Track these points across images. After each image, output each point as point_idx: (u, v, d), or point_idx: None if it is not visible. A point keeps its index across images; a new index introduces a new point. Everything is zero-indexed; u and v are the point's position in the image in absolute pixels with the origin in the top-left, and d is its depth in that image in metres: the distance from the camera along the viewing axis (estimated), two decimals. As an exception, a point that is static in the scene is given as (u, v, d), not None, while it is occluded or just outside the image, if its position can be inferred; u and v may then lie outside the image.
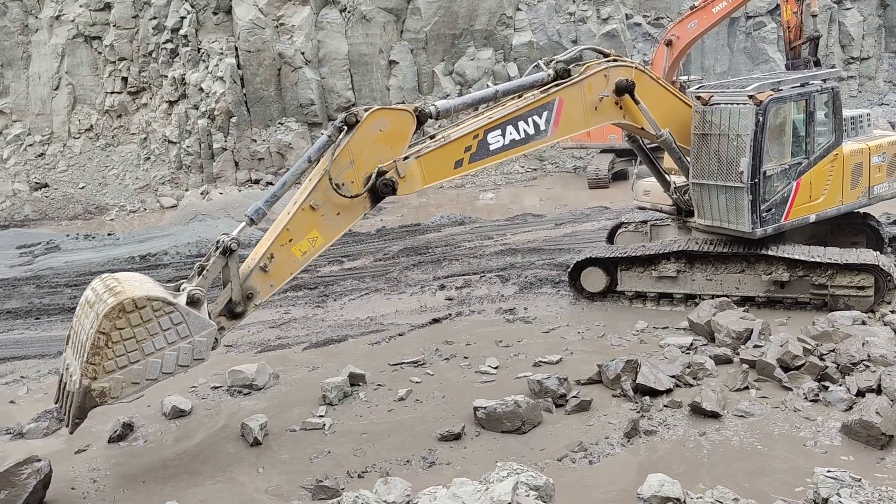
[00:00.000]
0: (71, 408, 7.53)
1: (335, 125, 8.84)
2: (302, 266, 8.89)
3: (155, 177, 31.40)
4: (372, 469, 7.99)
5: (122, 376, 7.43)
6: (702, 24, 22.66)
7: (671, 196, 12.75)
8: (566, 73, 10.50)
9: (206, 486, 7.91)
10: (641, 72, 11.15)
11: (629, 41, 33.86)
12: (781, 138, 11.57)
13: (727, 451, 7.77)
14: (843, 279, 11.27)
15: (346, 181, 8.81)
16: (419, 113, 9.22)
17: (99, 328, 7.27)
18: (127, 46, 32.78)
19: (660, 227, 13.87)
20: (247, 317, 8.71)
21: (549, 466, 7.69)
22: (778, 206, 11.49)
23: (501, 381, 9.94)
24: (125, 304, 7.35)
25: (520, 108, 10.05)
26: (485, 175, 30.12)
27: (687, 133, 11.88)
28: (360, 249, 18.86)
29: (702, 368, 9.44)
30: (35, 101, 32.85)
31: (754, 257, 11.82)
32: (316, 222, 8.77)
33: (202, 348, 7.83)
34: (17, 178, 31.27)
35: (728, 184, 11.44)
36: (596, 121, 10.98)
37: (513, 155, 10.28)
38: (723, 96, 11.63)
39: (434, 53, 33.09)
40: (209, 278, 8.26)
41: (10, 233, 24.18)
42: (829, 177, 11.82)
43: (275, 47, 31.21)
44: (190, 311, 7.77)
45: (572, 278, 13.23)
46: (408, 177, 9.18)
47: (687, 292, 12.40)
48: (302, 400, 9.87)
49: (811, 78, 11.90)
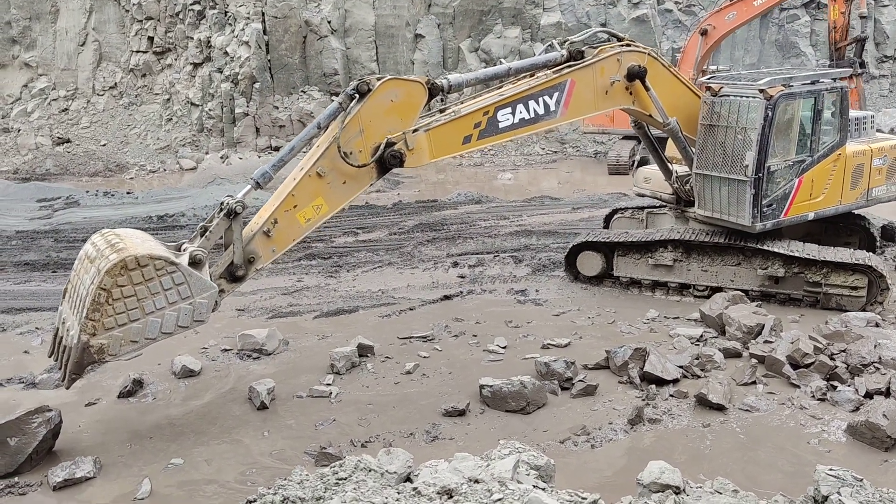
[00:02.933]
0: (68, 363, 7.46)
1: (347, 93, 8.74)
2: (305, 233, 8.82)
3: (176, 138, 31.49)
4: (375, 439, 8.07)
5: (121, 334, 7.34)
6: (741, 16, 22.29)
7: (672, 185, 12.77)
8: (579, 54, 10.44)
9: (211, 447, 8.03)
10: (654, 58, 11.12)
11: (658, 27, 33.38)
12: (788, 134, 11.56)
13: (730, 444, 7.78)
14: (838, 278, 11.34)
15: (354, 150, 8.73)
16: (431, 85, 9.13)
17: (100, 284, 7.17)
18: (154, 6, 32.73)
19: (656, 214, 13.93)
20: (247, 280, 8.63)
21: (550, 448, 7.74)
22: (779, 202, 11.54)
23: (508, 361, 9.98)
24: (128, 261, 7.24)
25: (531, 87, 9.99)
26: (504, 155, 29.96)
27: (694, 123, 11.85)
28: (376, 222, 18.88)
29: (710, 360, 9.43)
30: (61, 55, 32.94)
31: (751, 251, 11.86)
32: (321, 190, 8.69)
33: (203, 310, 7.74)
34: (40, 132, 31.46)
35: (732, 176, 11.45)
36: (605, 105, 10.97)
37: (520, 134, 10.24)
38: (733, 88, 11.58)
39: (461, 29, 32.80)
40: (212, 240, 8.19)
41: (31, 186, 24.39)
42: (831, 176, 11.87)
43: (301, 14, 31.06)
44: (192, 271, 7.67)
45: (568, 261, 13.27)
46: (416, 149, 9.11)
47: (682, 282, 12.44)
48: (310, 367, 9.96)
49: (822, 76, 11.88)
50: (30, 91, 32.53)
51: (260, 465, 7.67)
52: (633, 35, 32.11)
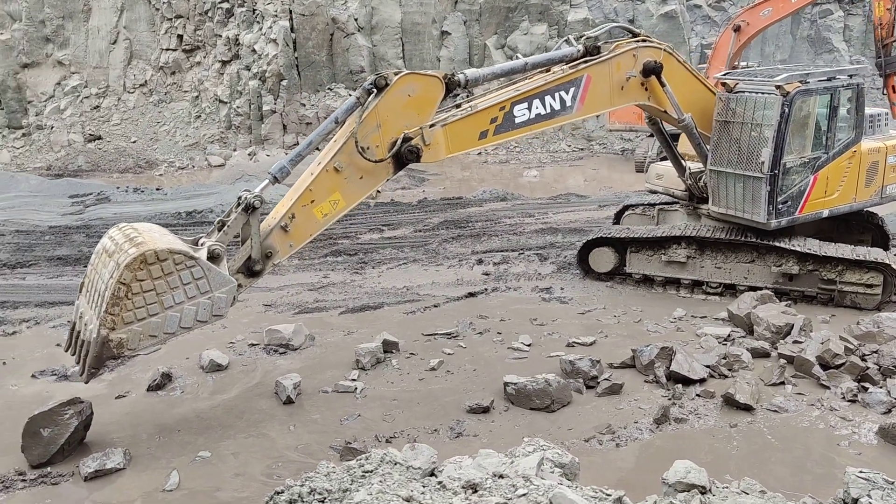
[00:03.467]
0: (87, 357, 7.44)
1: (364, 87, 8.70)
2: (322, 228, 8.77)
3: (204, 135, 31.83)
4: (400, 435, 8.11)
5: (140, 328, 7.30)
6: (776, 12, 21.99)
7: (685, 181, 12.73)
8: (596, 49, 10.41)
9: (238, 440, 8.12)
10: (669, 54, 11.09)
11: (687, 23, 33.03)
12: (804, 131, 11.50)
13: (758, 445, 7.69)
14: (853, 276, 11.29)
15: (371, 145, 8.70)
16: (448, 80, 9.11)
17: (119, 278, 7.13)
18: (184, 4, 33.09)
19: (667, 211, 13.87)
20: (264, 275, 8.61)
21: (575, 446, 7.71)
22: (794, 199, 11.50)
23: (533, 359, 9.96)
24: (147, 256, 7.20)
25: (548, 83, 9.96)
26: (530, 152, 29.88)
27: (708, 119, 11.81)
28: (401, 219, 18.93)
29: (738, 360, 9.33)
30: (93, 53, 33.45)
31: (765, 248, 11.82)
32: (339, 184, 8.67)
33: (221, 304, 7.70)
34: (72, 129, 31.98)
35: (747, 173, 11.41)
36: (621, 101, 10.93)
37: (536, 130, 10.20)
38: (748, 85, 11.52)
39: (487, 26, 32.74)
40: (230, 234, 8.16)
41: (63, 182, 24.79)
42: (846, 173, 11.81)
43: (328, 12, 31.22)
44: (211, 266, 7.64)
45: (581, 257, 13.24)
46: (433, 144, 9.08)
47: (695, 279, 12.41)
48: (336, 363, 10.02)
49: (838, 72, 11.79)
50: (62, 89, 33.08)
51: (286, 458, 7.74)
52: (661, 31, 31.91)
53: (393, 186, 23.55)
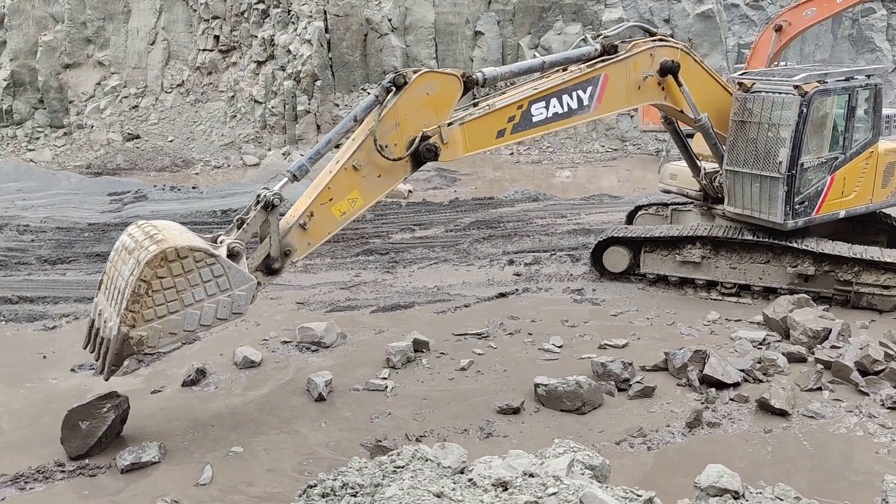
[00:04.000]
0: (107, 354, 7.44)
1: (383, 85, 8.69)
2: (340, 226, 8.76)
3: (240, 135, 32.23)
4: (430, 434, 8.13)
5: (160, 326, 7.29)
6: (820, 12, 21.60)
7: (700, 181, 12.70)
8: (613, 48, 10.39)
9: (270, 436, 8.21)
10: (686, 53, 11.09)
11: (724, 23, 32.57)
12: (822, 131, 11.44)
13: (793, 451, 7.57)
14: (869, 277, 11.22)
15: (389, 143, 8.69)
16: (466, 79, 9.09)
17: (140, 276, 7.10)
18: (220, 5, 33.55)
19: (681, 211, 13.85)
20: (283, 273, 8.58)
21: (606, 449, 7.66)
22: (811, 200, 11.47)
23: (564, 361, 9.91)
24: (168, 253, 7.17)
25: (565, 81, 9.95)
26: (563, 152, 29.73)
27: (725, 119, 11.77)
28: (432, 219, 18.97)
29: (773, 365, 9.19)
30: (132, 54, 34.06)
31: (780, 249, 11.76)
32: (357, 183, 8.65)
33: (241, 302, 7.67)
34: (111, 129, 32.61)
35: (764, 173, 11.36)
36: (638, 100, 10.94)
37: (553, 129, 10.20)
38: (766, 84, 11.47)
39: (521, 26, 32.66)
40: (249, 232, 8.12)
41: (102, 180, 25.30)
42: (863, 174, 11.77)
43: (363, 13, 31.41)
44: (231, 263, 7.61)
45: (595, 257, 13.23)
46: (450, 143, 9.06)
47: (709, 279, 12.38)
48: (366, 361, 10.09)
49: (856, 72, 11.73)
50: (102, 89, 33.74)
51: (317, 455, 7.81)
52: (697, 31, 31.54)
53: (424, 186, 23.62)
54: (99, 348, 7.71)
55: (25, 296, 13.37)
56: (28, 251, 16.68)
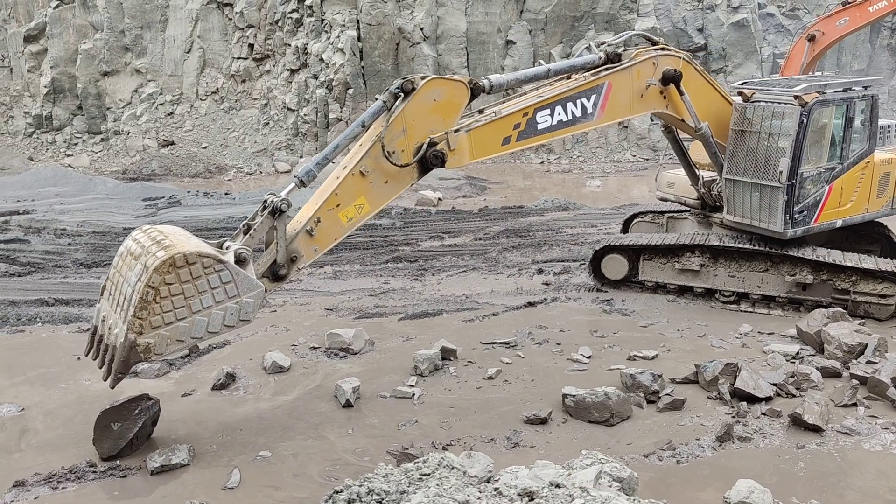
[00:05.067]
0: (113, 362, 7.35)
1: (391, 91, 8.66)
2: (346, 233, 8.66)
3: (272, 142, 32.60)
4: (456, 442, 8.11)
5: (167, 333, 7.18)
6: (854, 22, 21.27)
7: (698, 190, 12.83)
8: (617, 57, 10.44)
9: (297, 441, 8.26)
10: (688, 63, 11.20)
11: (759, 32, 32.20)
12: (821, 141, 11.58)
13: (826, 468, 7.42)
14: (867, 286, 11.41)
15: (396, 149, 8.65)
16: (473, 85, 9.08)
17: (148, 282, 7.00)
18: (255, 14, 34.01)
19: (677, 219, 13.97)
20: (288, 280, 8.46)
21: (634, 461, 7.58)
22: (810, 209, 11.61)
23: (593, 371, 9.84)
24: (176, 259, 7.08)
25: (570, 89, 10.00)
26: (594, 162, 29.59)
27: (724, 129, 11.89)
28: (462, 227, 18.98)
29: (807, 379, 9.02)
30: (168, 62, 34.66)
31: (779, 257, 11.90)
32: (364, 189, 8.60)
33: (249, 309, 7.55)
34: (147, 135, 33.18)
35: (764, 182, 11.49)
36: (640, 109, 11.02)
37: (557, 136, 10.25)
38: (766, 94, 11.60)
39: (553, 35, 32.62)
40: (256, 238, 7.99)
41: (137, 185, 25.74)
42: (859, 184, 11.93)
43: (395, 22, 31.62)
44: (239, 270, 7.49)
45: (594, 265, 13.30)
46: (457, 150, 9.03)
47: (707, 287, 12.52)
48: (394, 368, 10.10)
49: (854, 83, 11.89)
50: (139, 96, 34.36)
51: (343, 461, 7.83)
52: (731, 41, 31.25)
53: (454, 194, 23.66)
54: (103, 355, 7.63)
55: (61, 298, 13.64)
56: (65, 254, 17.03)
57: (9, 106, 34.88)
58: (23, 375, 10.16)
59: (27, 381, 9.97)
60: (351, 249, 17.01)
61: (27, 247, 17.71)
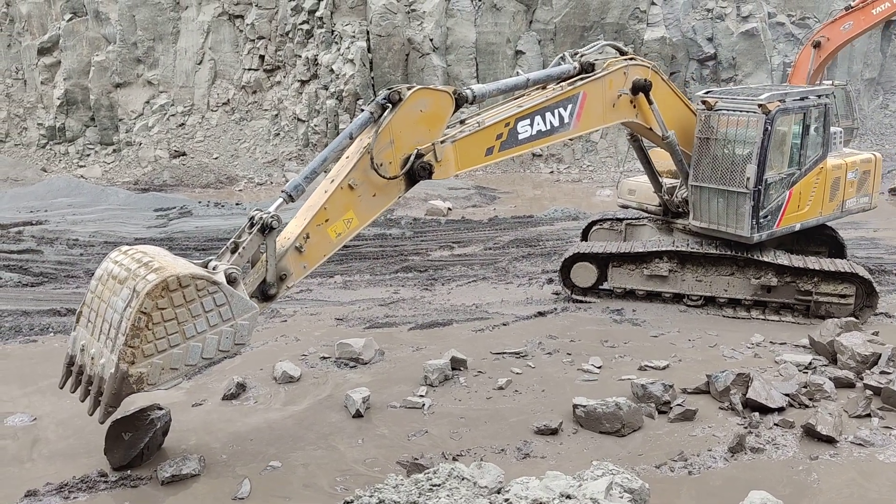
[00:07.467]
0: (102, 395, 6.90)
1: (378, 102, 8.54)
2: (335, 248, 8.44)
3: (283, 152, 32.76)
4: (466, 453, 8.09)
5: (161, 361, 6.79)
6: (858, 26, 21.23)
7: (661, 196, 13.08)
8: (591, 66, 10.57)
9: (307, 451, 8.26)
10: (656, 72, 11.45)
11: (769, 41, 32.15)
12: (781, 148, 11.92)
13: (840, 479, 7.35)
14: (828, 287, 11.88)
15: (384, 161, 8.53)
16: (458, 96, 9.06)
17: (140, 307, 6.57)
18: (266, 26, 34.27)
19: (635, 226, 14.14)
20: (277, 300, 8.14)
21: (645, 472, 7.54)
22: (773, 214, 12.11)
23: (604, 382, 9.80)
24: (169, 282, 6.67)
25: (548, 99, 10.09)
26: (603, 171, 29.57)
27: (689, 137, 12.17)
28: (471, 237, 18.99)
29: (819, 390, 8.95)
30: (180, 73, 34.93)
31: (744, 261, 12.23)
32: (353, 202, 8.41)
33: (244, 332, 7.22)
34: (158, 146, 33.42)
35: (730, 188, 11.80)
36: (612, 118, 11.16)
37: (536, 146, 10.33)
38: (730, 103, 11.92)
39: (562, 45, 32.64)
40: (245, 257, 7.65)
41: (149, 196, 25.91)
42: (814, 189, 12.43)
43: (405, 33, 31.77)
44: (233, 291, 7.13)
45: (563, 273, 13.38)
46: (443, 161, 8.98)
47: (676, 292, 12.75)
48: (404, 378, 10.10)
49: (809, 92, 12.35)
50: (151, 107, 34.63)
51: (353, 472, 7.82)
52: (741, 50, 31.21)
53: (464, 204, 23.68)
54: (86, 387, 7.20)
55: (73, 308, 13.71)
56: (77, 265, 17.14)
57: (22, 118, 35.23)
58: (35, 385, 10.21)
59: (39, 391, 10.02)
60: (361, 259, 17.05)
61: (40, 257, 17.84)
